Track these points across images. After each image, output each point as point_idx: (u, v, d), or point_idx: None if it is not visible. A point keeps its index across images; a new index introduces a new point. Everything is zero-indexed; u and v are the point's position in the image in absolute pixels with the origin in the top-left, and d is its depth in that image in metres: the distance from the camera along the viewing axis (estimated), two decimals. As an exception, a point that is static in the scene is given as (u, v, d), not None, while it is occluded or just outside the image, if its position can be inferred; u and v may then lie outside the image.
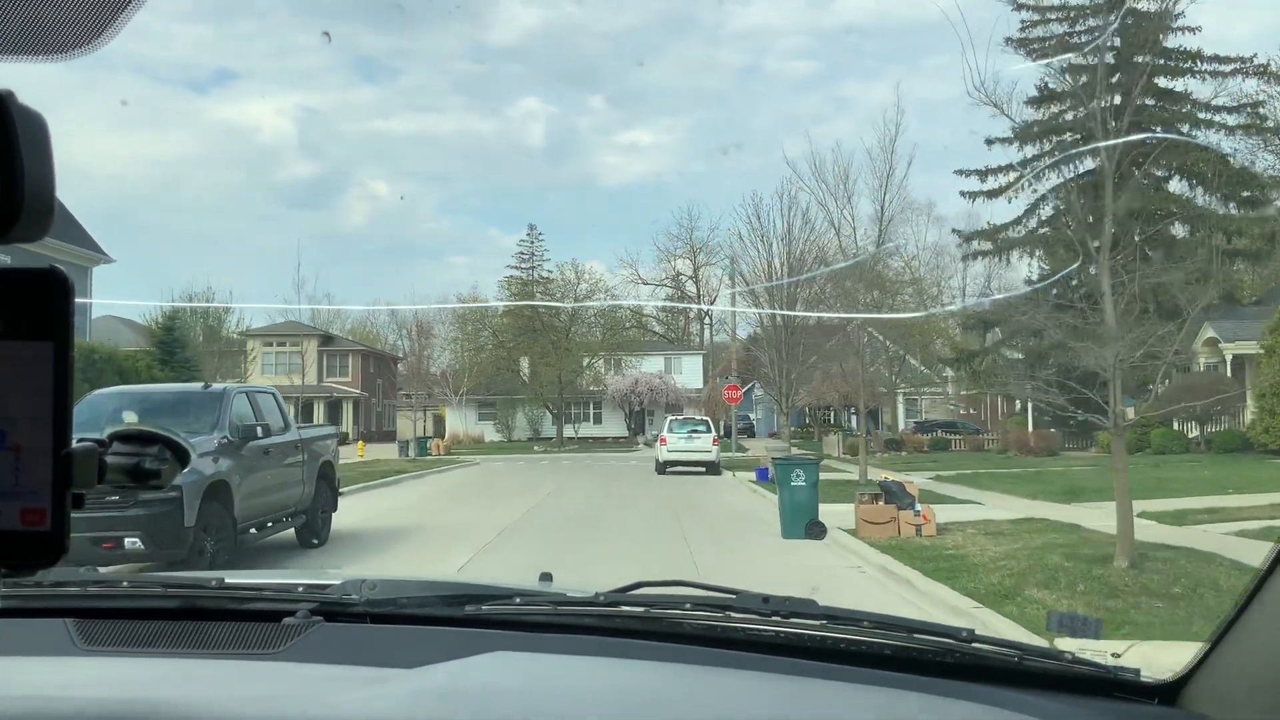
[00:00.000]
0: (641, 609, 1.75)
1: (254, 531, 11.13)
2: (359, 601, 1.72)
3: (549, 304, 55.86)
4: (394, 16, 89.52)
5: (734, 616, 1.68)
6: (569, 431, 54.49)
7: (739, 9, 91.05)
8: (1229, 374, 29.92)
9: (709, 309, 68.28)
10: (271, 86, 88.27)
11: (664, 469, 29.91)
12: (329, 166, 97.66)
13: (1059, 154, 30.95)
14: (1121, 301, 8.96)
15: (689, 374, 59.70)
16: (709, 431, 31.27)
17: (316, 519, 12.70)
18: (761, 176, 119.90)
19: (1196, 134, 33.10)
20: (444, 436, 51.58)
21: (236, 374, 51.09)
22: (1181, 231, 32.25)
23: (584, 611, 1.74)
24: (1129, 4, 24.82)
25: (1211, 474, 21.24)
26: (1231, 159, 33.14)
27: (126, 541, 9.02)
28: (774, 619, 1.64)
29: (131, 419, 10.06)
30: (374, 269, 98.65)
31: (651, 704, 1.44)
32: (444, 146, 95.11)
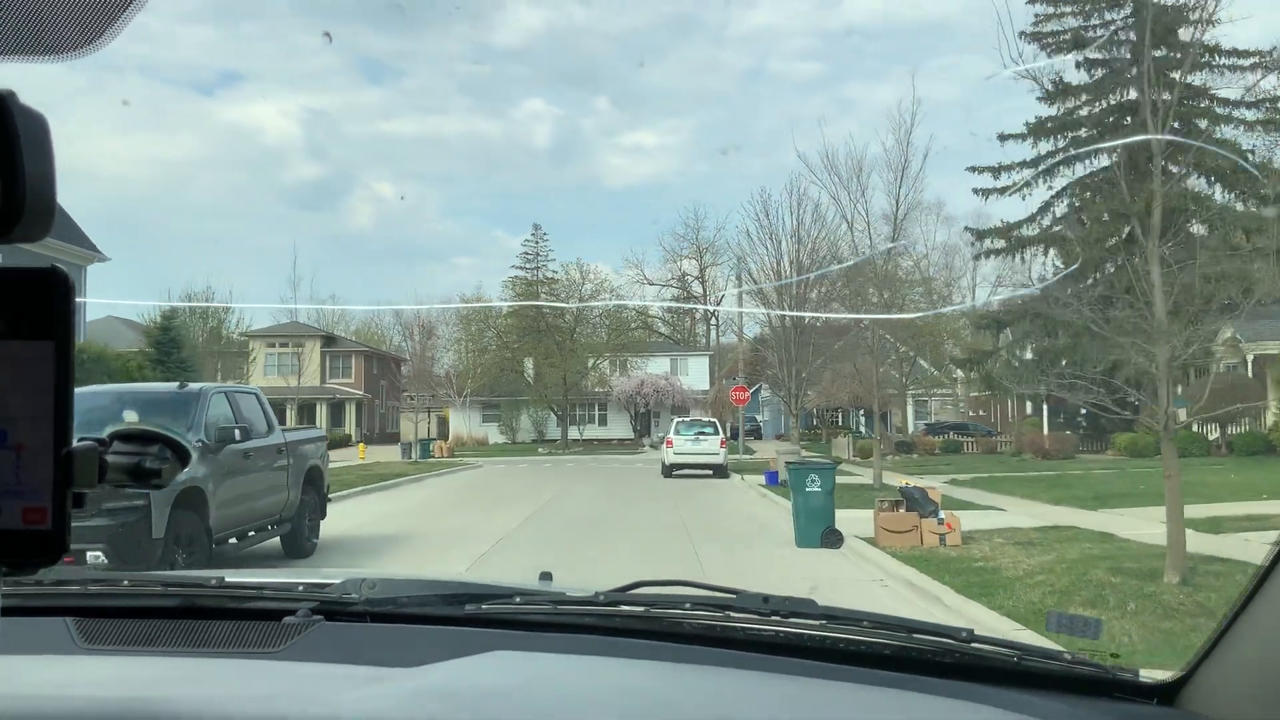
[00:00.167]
0: (641, 608, 1.74)
1: (233, 542, 10.41)
2: (359, 601, 1.71)
3: (554, 304, 55.12)
4: (399, 18, 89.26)
5: (734, 616, 1.67)
6: (574, 433, 53.83)
7: (744, 10, 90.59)
8: (1250, 375, 29.24)
9: (715, 309, 67.36)
10: (276, 88, 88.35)
11: (670, 472, 29.13)
12: (334, 168, 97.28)
13: (1103, 138, 29.98)
14: (1172, 294, 8.20)
15: (695, 375, 58.90)
16: (716, 434, 30.44)
17: (303, 527, 12.00)
18: (766, 178, 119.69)
19: (1216, 130, 32.41)
20: (448, 438, 50.96)
21: (238, 375, 50.57)
22: (1200, 229, 31.55)
23: (584, 611, 1.73)
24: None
25: (1239, 478, 20.60)
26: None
27: (89, 555, 8.29)
28: (774, 619, 1.63)
29: (132, 418, 9.50)
30: (379, 270, 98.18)
31: (651, 703, 1.42)
32: (449, 148, 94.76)
